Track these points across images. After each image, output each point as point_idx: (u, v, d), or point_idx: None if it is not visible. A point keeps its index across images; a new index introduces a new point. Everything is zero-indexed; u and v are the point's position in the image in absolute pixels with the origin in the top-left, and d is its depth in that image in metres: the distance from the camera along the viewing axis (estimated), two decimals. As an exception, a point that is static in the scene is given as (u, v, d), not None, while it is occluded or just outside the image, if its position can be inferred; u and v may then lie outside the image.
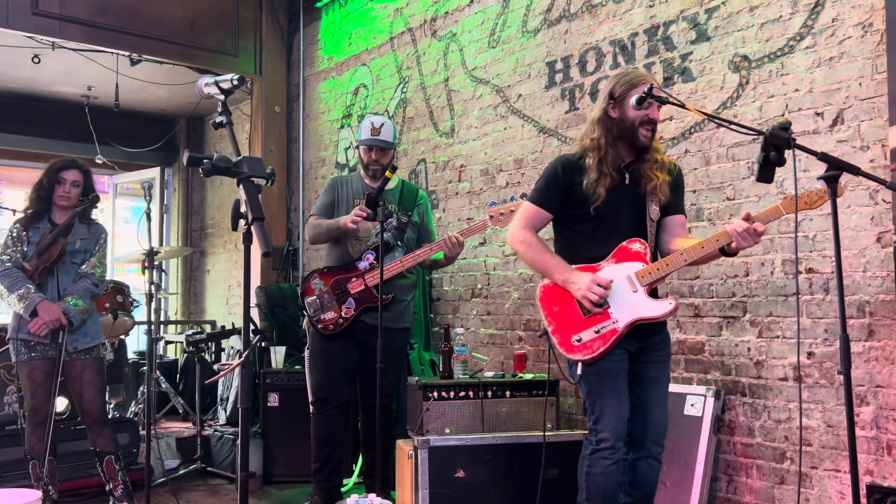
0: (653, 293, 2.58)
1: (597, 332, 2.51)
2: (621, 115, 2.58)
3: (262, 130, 6.35)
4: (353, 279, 3.60)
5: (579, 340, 2.52)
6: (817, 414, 3.03)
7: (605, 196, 2.54)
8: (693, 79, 3.52)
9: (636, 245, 2.57)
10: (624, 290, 2.53)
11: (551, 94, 4.22)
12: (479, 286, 4.62)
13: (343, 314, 3.59)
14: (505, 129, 4.49)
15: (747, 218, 2.47)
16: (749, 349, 3.27)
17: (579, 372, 2.52)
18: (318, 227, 3.67)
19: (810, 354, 3.07)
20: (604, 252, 2.58)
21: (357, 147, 3.84)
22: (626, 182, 2.60)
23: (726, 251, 2.53)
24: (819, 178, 2.31)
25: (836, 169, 2.28)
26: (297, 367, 4.67)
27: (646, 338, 2.58)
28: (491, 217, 3.42)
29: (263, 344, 5.08)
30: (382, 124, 3.70)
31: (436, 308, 4.91)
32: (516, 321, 4.36)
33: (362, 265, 3.62)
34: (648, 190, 2.58)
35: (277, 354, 4.85)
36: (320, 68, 6.21)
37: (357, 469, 4.34)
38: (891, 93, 2.83)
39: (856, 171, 2.28)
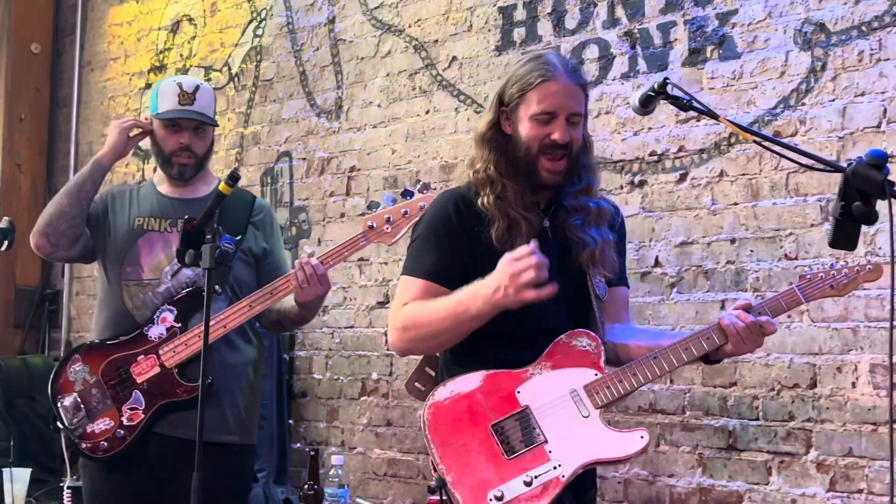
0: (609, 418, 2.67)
1: (528, 483, 2.53)
2: (514, 132, 2.67)
3: (6, 84, 6.25)
4: (140, 357, 3.57)
5: (500, 498, 2.53)
6: None
7: None
8: (737, 55, 3.63)
9: (583, 341, 2.64)
10: (568, 413, 2.58)
11: (505, 60, 4.28)
12: (374, 375, 4.63)
13: (124, 420, 3.55)
14: (428, 112, 4.55)
15: (748, 308, 2.59)
16: (814, 509, 3.38)
17: None
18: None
19: (912, 524, 3.19)
20: (531, 350, 2.64)
21: (151, 124, 3.84)
22: (549, 236, 2.69)
23: (710, 358, 2.65)
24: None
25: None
26: (51, 504, 4.61)
27: (579, 493, 2.66)
28: (371, 227, 3.44)
29: (-7, 463, 4.97)
30: (197, 87, 3.73)
31: (299, 411, 4.90)
32: (434, 440, 4.38)
33: (154, 332, 3.59)
34: (585, 259, 2.69)
35: (17, 482, 4.76)
36: (115, -17, 6.18)
37: None
38: None
39: None
